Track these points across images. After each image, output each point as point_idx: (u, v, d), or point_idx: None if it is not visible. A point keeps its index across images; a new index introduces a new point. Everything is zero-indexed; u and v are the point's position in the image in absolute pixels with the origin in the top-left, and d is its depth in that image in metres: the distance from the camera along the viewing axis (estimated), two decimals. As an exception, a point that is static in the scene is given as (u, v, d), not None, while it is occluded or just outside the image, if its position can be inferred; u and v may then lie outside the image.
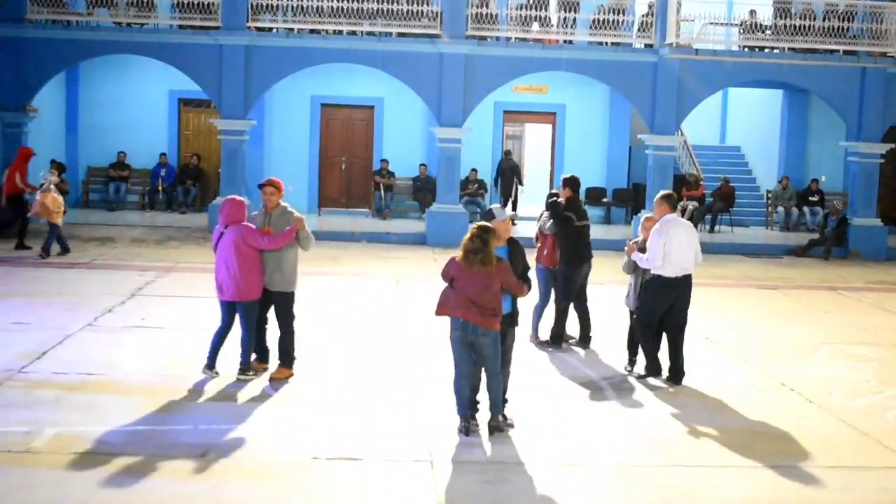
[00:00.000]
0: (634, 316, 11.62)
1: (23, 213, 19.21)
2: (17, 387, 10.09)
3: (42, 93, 23.10)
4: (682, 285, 11.19)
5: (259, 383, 10.67)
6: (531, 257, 10.12)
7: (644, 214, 12.54)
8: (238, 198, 10.87)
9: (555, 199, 12.83)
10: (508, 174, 25.56)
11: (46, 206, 18.01)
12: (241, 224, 10.61)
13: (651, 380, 11.38)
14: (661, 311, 11.23)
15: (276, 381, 10.71)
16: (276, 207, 10.92)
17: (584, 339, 12.99)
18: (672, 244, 10.99)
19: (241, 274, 10.50)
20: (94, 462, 8.09)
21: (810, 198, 26.75)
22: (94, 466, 8.00)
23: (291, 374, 10.93)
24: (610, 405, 10.27)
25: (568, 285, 12.69)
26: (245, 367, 10.79)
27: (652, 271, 11.14)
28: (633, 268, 11.52)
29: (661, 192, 11.58)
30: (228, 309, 10.77)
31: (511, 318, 9.44)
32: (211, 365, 10.78)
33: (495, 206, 9.77)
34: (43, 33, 22.48)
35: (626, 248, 11.50)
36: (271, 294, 10.83)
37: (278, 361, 10.98)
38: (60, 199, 18.44)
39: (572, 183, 12.87)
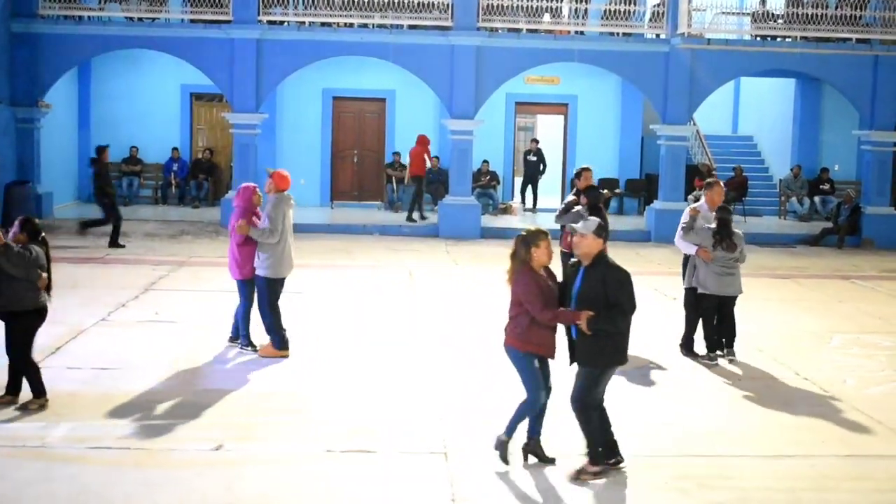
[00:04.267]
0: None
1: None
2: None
3: (54, 88, 23.13)
4: None
5: (272, 378, 10.69)
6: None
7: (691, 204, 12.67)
8: (246, 184, 11.76)
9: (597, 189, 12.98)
10: (535, 163, 25.82)
11: None
12: (237, 208, 11.48)
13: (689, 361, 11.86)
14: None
15: (265, 357, 11.33)
16: (269, 196, 11.49)
17: None
18: None
19: (237, 254, 11.37)
20: (109, 456, 8.12)
21: (821, 186, 26.65)
22: (110, 460, 8.03)
23: (280, 354, 11.38)
24: (622, 395, 10.26)
25: None
26: (245, 343, 11.58)
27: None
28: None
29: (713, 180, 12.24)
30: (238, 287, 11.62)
31: (575, 347, 7.99)
32: (245, 342, 11.62)
33: (590, 218, 8.51)
34: (55, 29, 22.51)
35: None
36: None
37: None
38: None
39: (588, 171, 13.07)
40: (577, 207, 12.63)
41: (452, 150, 23.39)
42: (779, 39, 23.94)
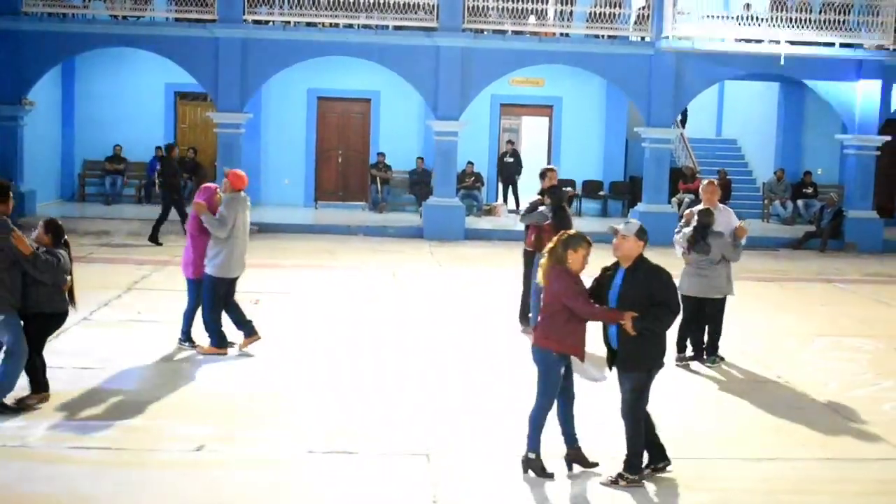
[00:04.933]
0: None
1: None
2: (14, 380, 10.08)
3: (38, 86, 23.04)
4: None
5: (255, 378, 10.68)
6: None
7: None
8: (208, 184, 11.90)
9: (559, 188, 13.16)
10: (512, 164, 25.82)
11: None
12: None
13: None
14: None
15: (204, 354, 11.43)
16: (224, 196, 11.52)
17: None
18: None
19: (192, 253, 11.54)
20: (90, 456, 8.09)
21: (804, 190, 26.75)
22: (91, 461, 8.00)
23: (219, 352, 11.43)
24: (605, 396, 10.26)
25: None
26: (184, 339, 11.72)
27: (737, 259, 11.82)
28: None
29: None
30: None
31: (615, 354, 7.93)
32: (184, 338, 11.78)
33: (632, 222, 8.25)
34: (39, 26, 22.42)
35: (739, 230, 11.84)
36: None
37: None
38: None
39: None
40: (542, 207, 12.84)
41: (437, 151, 23.40)
42: (763, 43, 23.97)
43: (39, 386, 9.35)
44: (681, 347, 11.93)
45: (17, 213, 19.13)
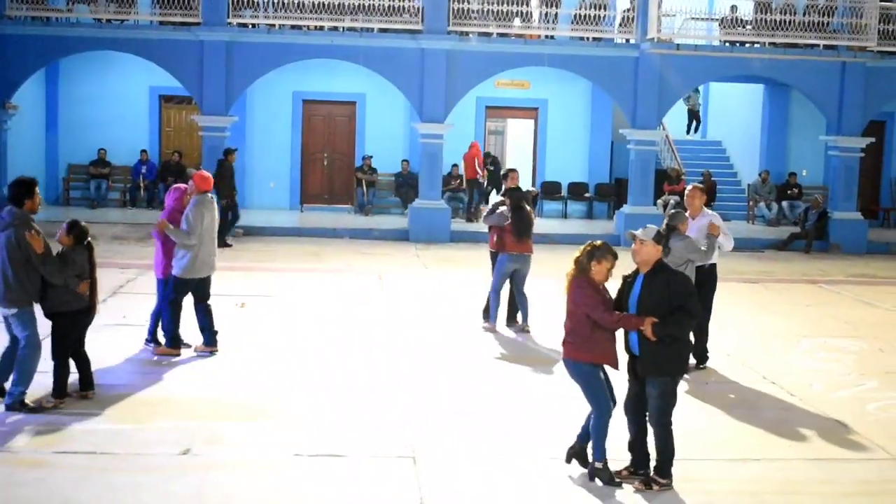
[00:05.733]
0: None
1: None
2: (-2, 385, 10.03)
3: (22, 90, 22.95)
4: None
5: (240, 382, 10.65)
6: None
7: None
8: (177, 185, 11.99)
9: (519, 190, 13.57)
10: (493, 172, 25.77)
11: None
12: (166, 208, 11.67)
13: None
14: None
15: (160, 355, 11.47)
16: (191, 198, 11.56)
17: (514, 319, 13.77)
18: None
19: (162, 253, 11.59)
20: (76, 460, 8.07)
21: (789, 191, 26.83)
22: (77, 465, 7.98)
23: (172, 353, 11.46)
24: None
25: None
26: (149, 339, 11.80)
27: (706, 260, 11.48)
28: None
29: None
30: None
31: (637, 360, 7.92)
32: (150, 338, 11.87)
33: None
34: (22, 30, 22.33)
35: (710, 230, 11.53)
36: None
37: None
38: None
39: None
40: (502, 208, 13.02)
41: (422, 153, 23.39)
42: (747, 45, 24.08)
43: (58, 391, 9.52)
44: None
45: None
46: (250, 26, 22.88)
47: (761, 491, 7.98)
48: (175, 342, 11.54)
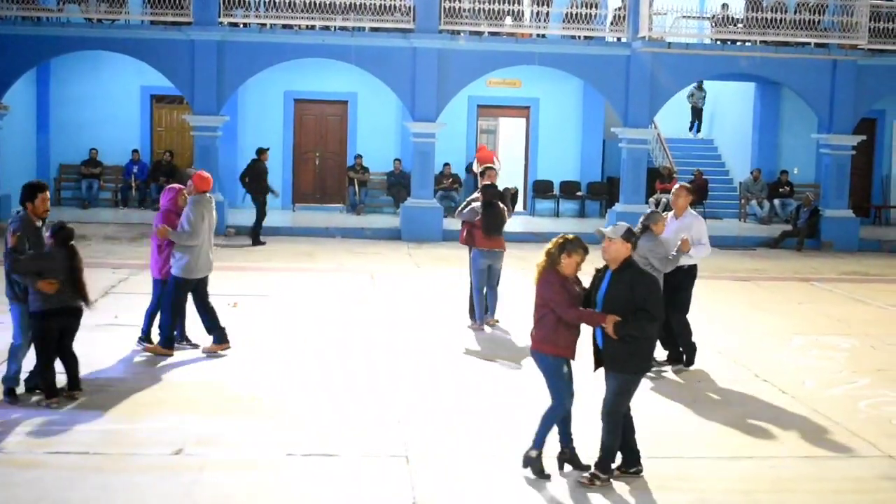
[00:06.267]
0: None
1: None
2: (-10, 386, 10.02)
3: (13, 90, 22.86)
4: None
5: (234, 381, 10.64)
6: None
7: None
8: (172, 185, 11.98)
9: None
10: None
11: None
12: (161, 209, 11.70)
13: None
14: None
15: (152, 353, 11.49)
16: (189, 198, 11.56)
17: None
18: None
19: (157, 254, 11.64)
20: (68, 461, 8.05)
21: (781, 189, 26.88)
22: (70, 465, 7.96)
23: (165, 353, 11.46)
24: (583, 399, 10.29)
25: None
26: (142, 339, 11.82)
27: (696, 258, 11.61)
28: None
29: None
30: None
31: (601, 353, 7.98)
32: (143, 337, 11.89)
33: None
34: (13, 30, 22.26)
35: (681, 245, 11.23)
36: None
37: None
38: None
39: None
40: (475, 204, 13.25)
41: (414, 152, 23.38)
42: (739, 43, 24.11)
43: (49, 390, 9.56)
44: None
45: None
46: (241, 26, 22.84)
47: (753, 489, 8.00)
48: (169, 343, 11.52)
